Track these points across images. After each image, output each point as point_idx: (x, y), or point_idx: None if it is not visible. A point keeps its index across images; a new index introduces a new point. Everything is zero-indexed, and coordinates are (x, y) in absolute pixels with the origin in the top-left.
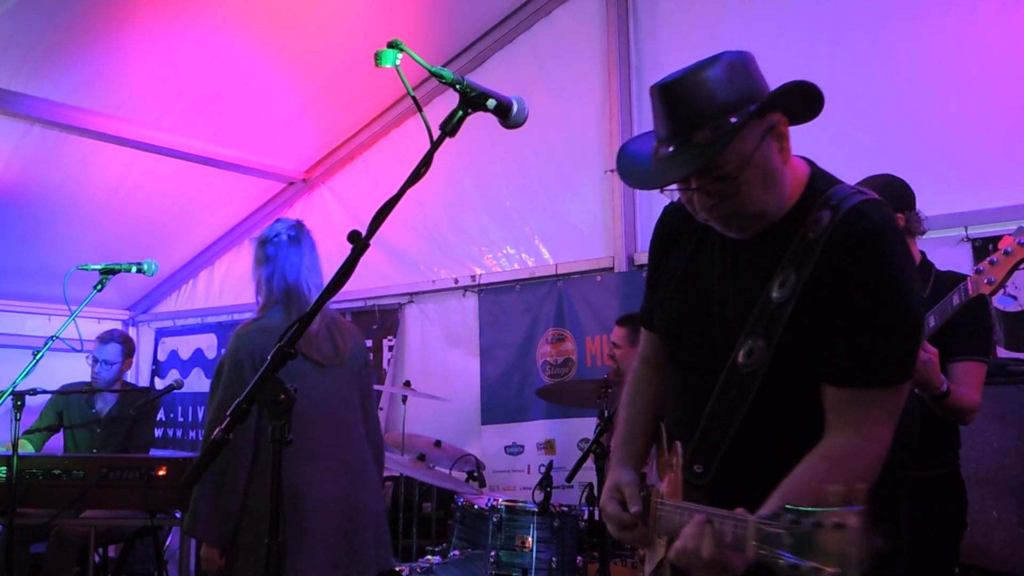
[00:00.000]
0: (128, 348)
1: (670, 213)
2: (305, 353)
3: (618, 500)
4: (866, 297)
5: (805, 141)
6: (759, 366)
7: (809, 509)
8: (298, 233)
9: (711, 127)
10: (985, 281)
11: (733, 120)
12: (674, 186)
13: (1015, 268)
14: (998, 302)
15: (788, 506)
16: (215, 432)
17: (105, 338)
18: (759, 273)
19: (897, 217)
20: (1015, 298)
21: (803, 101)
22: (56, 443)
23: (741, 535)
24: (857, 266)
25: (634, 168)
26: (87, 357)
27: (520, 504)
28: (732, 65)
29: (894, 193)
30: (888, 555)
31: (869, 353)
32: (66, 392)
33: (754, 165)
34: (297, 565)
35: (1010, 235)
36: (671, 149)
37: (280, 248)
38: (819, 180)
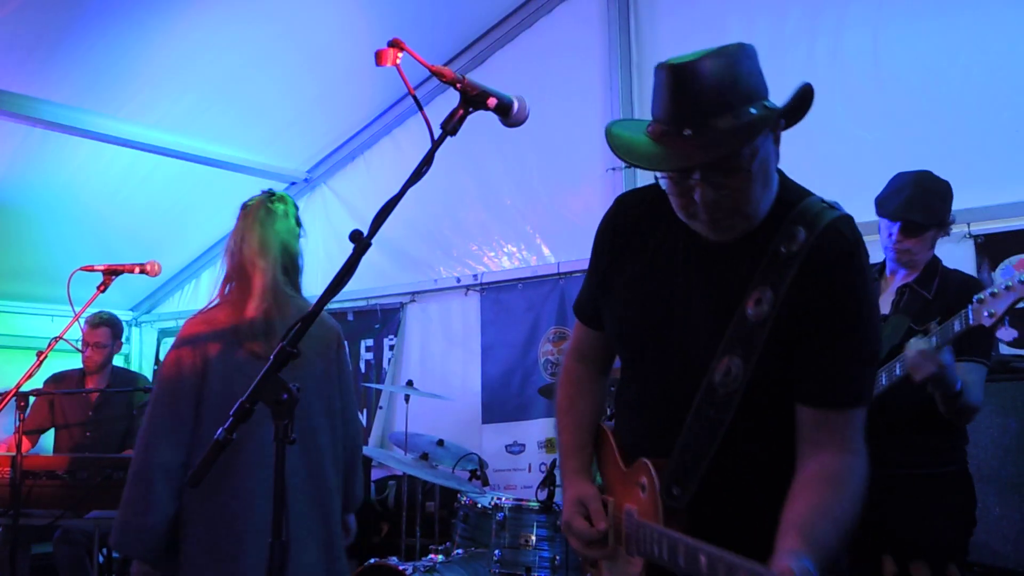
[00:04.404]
0: (116, 329)
1: (626, 205)
2: (246, 346)
3: (583, 515)
4: (846, 319)
5: (807, 139)
6: (737, 386)
7: None
8: (260, 203)
9: (733, 114)
10: (986, 313)
11: (752, 111)
12: (663, 175)
13: (1016, 303)
14: (1000, 335)
15: None
16: (218, 432)
17: (94, 322)
18: (730, 287)
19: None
20: (1017, 331)
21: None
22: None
23: None
24: (836, 287)
25: (638, 149)
26: (79, 342)
27: (523, 502)
28: (749, 56)
29: (947, 208)
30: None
31: (852, 376)
32: (49, 393)
33: (760, 161)
34: None
35: (1012, 268)
36: (688, 132)
37: (238, 220)
38: (788, 191)
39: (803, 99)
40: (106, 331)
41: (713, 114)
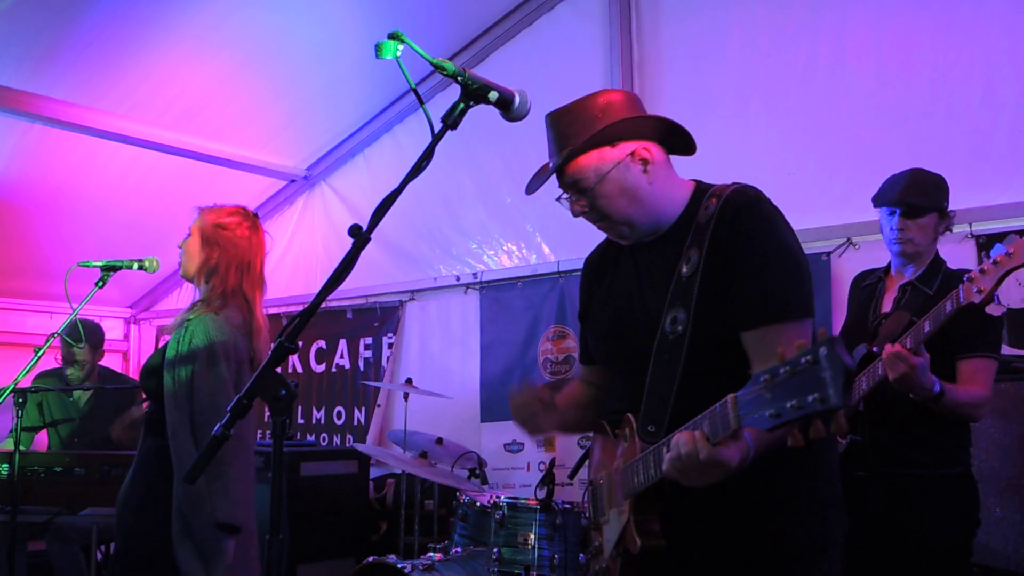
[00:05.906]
0: (94, 341)
1: (589, 258)
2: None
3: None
4: (759, 249)
5: (810, 139)
6: (683, 330)
7: (780, 364)
8: (254, 223)
9: (570, 146)
10: (975, 290)
11: (582, 141)
12: (566, 198)
13: (1004, 277)
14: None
15: (759, 371)
16: (215, 428)
17: (71, 340)
18: (667, 262)
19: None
20: (1006, 308)
21: (667, 133)
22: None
23: (724, 415)
24: (745, 228)
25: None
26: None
27: (522, 501)
28: (608, 101)
29: (944, 196)
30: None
31: (771, 293)
32: (43, 389)
33: (611, 181)
34: None
35: (1001, 245)
36: (550, 163)
37: (236, 231)
38: (702, 186)
39: (674, 131)
40: (84, 348)
41: (560, 147)
